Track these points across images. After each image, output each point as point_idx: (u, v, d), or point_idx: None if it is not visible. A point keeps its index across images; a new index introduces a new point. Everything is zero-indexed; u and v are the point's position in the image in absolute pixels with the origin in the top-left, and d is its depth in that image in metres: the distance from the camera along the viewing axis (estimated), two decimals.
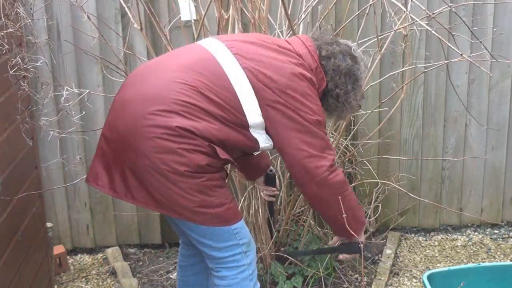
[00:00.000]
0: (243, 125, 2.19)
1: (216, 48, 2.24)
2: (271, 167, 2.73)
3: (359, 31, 3.11)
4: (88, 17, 3.05)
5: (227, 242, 2.27)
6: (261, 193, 2.89)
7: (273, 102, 2.17)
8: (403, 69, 3.27)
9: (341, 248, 2.60)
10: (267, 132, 2.24)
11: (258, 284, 2.45)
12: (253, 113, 2.18)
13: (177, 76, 2.14)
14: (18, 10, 2.44)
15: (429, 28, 2.42)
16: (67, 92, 2.66)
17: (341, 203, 2.18)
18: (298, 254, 3.18)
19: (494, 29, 3.43)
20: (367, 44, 3.09)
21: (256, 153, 2.58)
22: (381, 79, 3.38)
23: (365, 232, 3.57)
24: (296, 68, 2.21)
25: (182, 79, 2.13)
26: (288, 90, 2.17)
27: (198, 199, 2.14)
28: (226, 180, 2.33)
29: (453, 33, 2.58)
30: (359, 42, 3.03)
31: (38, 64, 2.64)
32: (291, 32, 2.85)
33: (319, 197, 2.27)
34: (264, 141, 2.25)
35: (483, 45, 2.59)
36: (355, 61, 2.36)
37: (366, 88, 3.09)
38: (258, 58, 2.20)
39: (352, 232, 2.19)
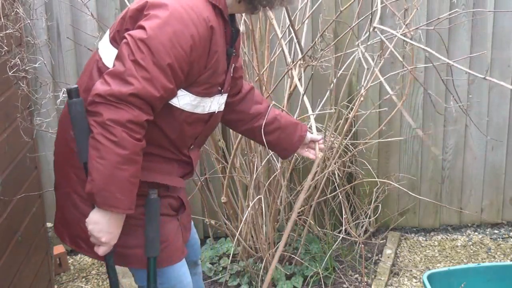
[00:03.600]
0: None
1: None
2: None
3: (363, 34, 3.10)
4: (92, 15, 3.05)
5: (144, 282, 2.04)
6: (307, 153, 2.43)
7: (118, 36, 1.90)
8: (403, 70, 3.25)
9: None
10: None
11: None
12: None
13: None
14: (17, 10, 2.43)
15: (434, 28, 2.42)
16: (64, 95, 2.65)
17: (94, 145, 1.75)
18: None
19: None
20: (368, 43, 3.08)
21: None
22: (380, 79, 3.35)
23: (365, 232, 3.58)
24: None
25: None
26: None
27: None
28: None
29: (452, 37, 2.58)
30: (358, 40, 3.02)
31: (37, 65, 2.64)
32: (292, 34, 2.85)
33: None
34: None
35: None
36: None
37: (366, 88, 3.08)
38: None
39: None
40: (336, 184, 3.39)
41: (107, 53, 1.89)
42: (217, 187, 3.44)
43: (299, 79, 2.99)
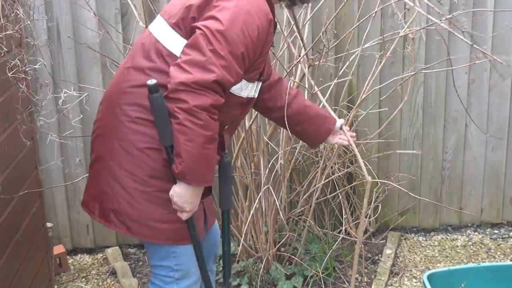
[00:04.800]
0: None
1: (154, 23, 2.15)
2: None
3: (365, 34, 3.10)
4: (94, 14, 3.05)
5: (160, 261, 2.17)
6: (340, 140, 2.54)
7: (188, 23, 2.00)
8: (409, 74, 3.23)
9: None
10: None
11: None
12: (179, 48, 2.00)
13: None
14: (17, 11, 2.43)
15: (452, 30, 2.42)
16: (65, 95, 2.66)
17: (181, 130, 1.89)
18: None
19: None
20: (371, 43, 3.08)
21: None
22: (382, 85, 3.35)
23: (365, 232, 3.58)
24: None
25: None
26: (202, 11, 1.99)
27: (147, 210, 2.03)
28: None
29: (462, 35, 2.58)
30: (364, 46, 3.02)
31: (37, 66, 2.64)
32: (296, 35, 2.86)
33: (168, 107, 1.94)
34: None
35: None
36: None
37: (369, 92, 3.07)
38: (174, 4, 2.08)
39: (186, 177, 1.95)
40: (336, 184, 3.39)
41: (169, 38, 2.01)
42: (217, 187, 3.43)
43: (302, 77, 2.99)
